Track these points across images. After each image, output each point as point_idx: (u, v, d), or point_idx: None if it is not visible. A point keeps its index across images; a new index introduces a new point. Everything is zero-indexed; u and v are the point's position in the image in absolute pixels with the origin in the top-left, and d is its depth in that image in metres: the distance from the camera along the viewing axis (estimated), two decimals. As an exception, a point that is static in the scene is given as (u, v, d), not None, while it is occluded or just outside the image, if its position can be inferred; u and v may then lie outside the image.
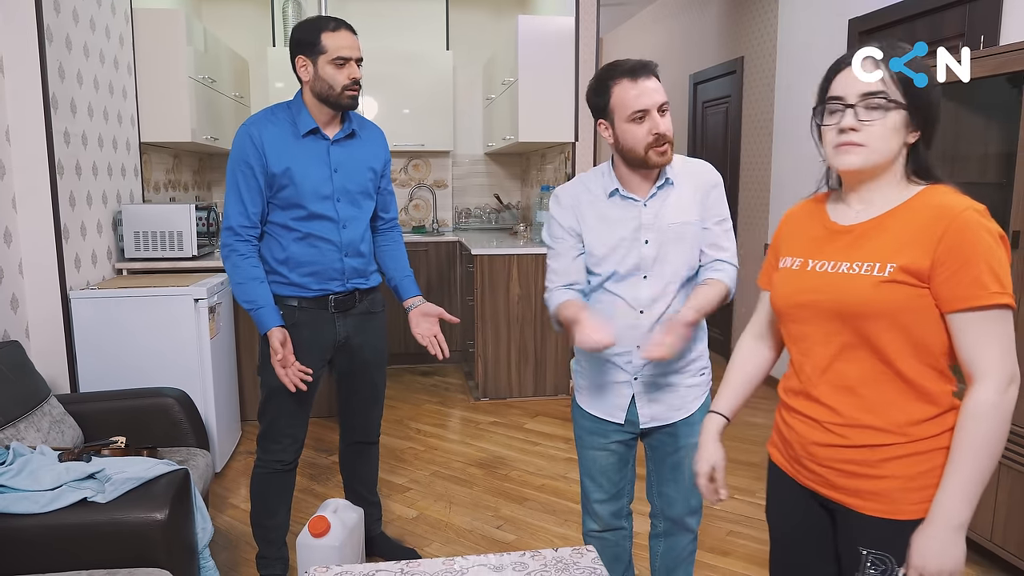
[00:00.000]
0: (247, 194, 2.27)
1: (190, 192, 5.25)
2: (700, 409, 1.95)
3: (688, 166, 1.91)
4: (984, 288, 1.19)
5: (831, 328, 1.33)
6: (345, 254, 2.37)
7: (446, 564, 1.79)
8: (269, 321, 2.26)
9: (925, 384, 1.27)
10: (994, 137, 2.74)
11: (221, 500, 3.19)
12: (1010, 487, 2.45)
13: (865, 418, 1.30)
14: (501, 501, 3.26)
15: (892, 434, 1.28)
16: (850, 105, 1.28)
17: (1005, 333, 1.22)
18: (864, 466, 1.31)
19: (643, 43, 7.21)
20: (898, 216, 1.29)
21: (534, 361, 4.64)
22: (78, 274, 3.27)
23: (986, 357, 1.21)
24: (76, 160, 3.25)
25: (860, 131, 1.27)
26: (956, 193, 1.27)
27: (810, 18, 4.25)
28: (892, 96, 1.25)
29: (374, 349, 2.55)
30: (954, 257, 1.20)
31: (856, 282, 1.28)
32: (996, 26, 2.88)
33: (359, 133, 2.40)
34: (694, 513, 2.05)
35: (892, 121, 1.26)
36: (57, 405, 2.53)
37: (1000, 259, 1.21)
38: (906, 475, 1.28)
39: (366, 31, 5.67)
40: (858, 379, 1.31)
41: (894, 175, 1.31)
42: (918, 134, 1.29)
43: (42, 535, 1.93)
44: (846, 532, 1.37)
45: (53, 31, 3.05)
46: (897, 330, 1.26)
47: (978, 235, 1.20)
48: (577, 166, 4.65)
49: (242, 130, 2.29)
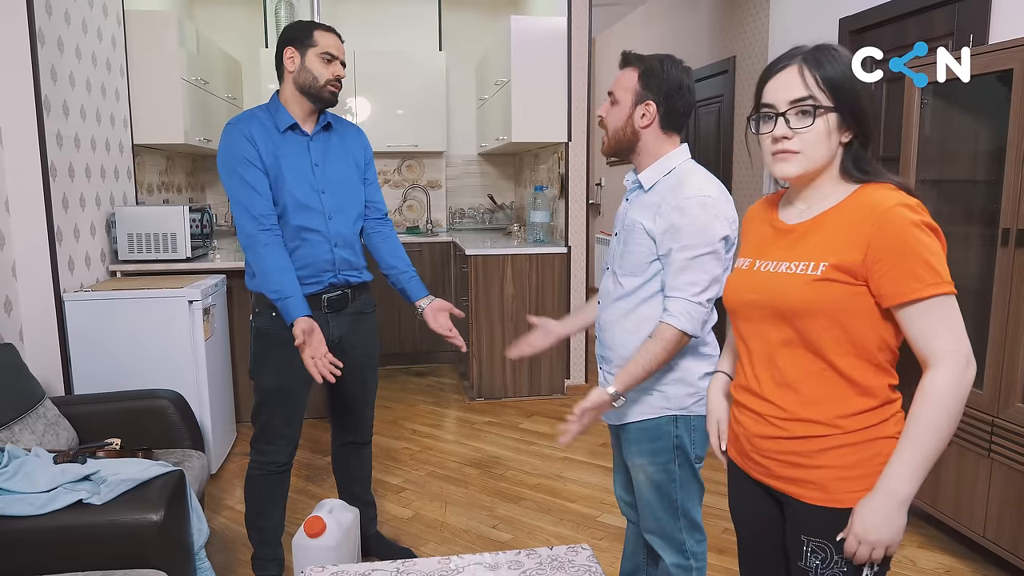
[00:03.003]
0: (256, 182, 2.27)
1: (183, 194, 5.24)
2: (638, 427, 1.85)
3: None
4: (920, 280, 1.22)
5: (772, 326, 1.36)
6: (335, 244, 2.39)
7: (442, 563, 1.80)
8: (296, 311, 2.22)
9: (861, 379, 1.30)
10: (984, 135, 2.77)
11: (216, 501, 3.19)
12: (1003, 483, 2.47)
13: (803, 412, 1.34)
14: (496, 501, 3.27)
15: (827, 426, 1.32)
16: (780, 113, 1.29)
17: (951, 318, 1.24)
18: (802, 456, 1.35)
19: (635, 43, 7.20)
20: (833, 215, 1.32)
21: (529, 361, 4.64)
22: (72, 276, 3.26)
23: (937, 344, 1.23)
24: (69, 162, 3.24)
25: (793, 138, 1.29)
26: (888, 189, 1.28)
27: (801, 17, 4.27)
28: (820, 102, 1.27)
29: (366, 349, 2.56)
30: (886, 254, 1.23)
31: (792, 281, 1.32)
32: (985, 25, 2.90)
33: (335, 126, 2.45)
34: (651, 534, 1.93)
35: (824, 125, 1.28)
36: (52, 407, 2.52)
37: (932, 249, 1.23)
38: (841, 465, 1.31)
39: (359, 32, 5.69)
40: (796, 375, 1.34)
41: (831, 175, 1.34)
42: (851, 134, 1.30)
43: (38, 537, 1.93)
44: (792, 521, 1.40)
45: (45, 33, 3.04)
46: (832, 327, 1.29)
47: (906, 229, 1.22)
48: (570, 166, 4.66)
49: (229, 128, 2.31)
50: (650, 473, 1.86)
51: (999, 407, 2.48)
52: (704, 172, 1.79)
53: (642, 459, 1.86)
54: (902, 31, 3.41)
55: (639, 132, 1.79)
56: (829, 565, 1.33)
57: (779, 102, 1.30)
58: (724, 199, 1.74)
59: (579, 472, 3.55)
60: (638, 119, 1.78)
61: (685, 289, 1.69)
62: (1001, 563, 2.59)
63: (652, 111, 1.77)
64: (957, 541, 2.80)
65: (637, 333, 1.80)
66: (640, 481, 1.89)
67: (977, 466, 2.57)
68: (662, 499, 1.87)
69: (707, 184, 1.74)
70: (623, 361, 1.81)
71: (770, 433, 1.38)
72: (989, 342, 2.51)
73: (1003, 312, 2.46)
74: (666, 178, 1.79)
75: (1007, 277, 2.44)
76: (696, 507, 1.90)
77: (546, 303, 4.63)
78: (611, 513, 3.10)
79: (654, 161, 1.81)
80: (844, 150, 1.32)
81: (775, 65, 1.33)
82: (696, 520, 1.90)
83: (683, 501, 1.87)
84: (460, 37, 6.03)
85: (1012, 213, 2.42)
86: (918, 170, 2.88)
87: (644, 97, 1.77)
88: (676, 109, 1.78)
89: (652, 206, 1.77)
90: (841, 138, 1.30)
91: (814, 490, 1.34)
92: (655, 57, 1.80)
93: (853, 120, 1.29)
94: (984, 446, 2.53)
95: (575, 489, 3.37)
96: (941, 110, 2.88)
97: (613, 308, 1.87)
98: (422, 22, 5.98)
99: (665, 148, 1.81)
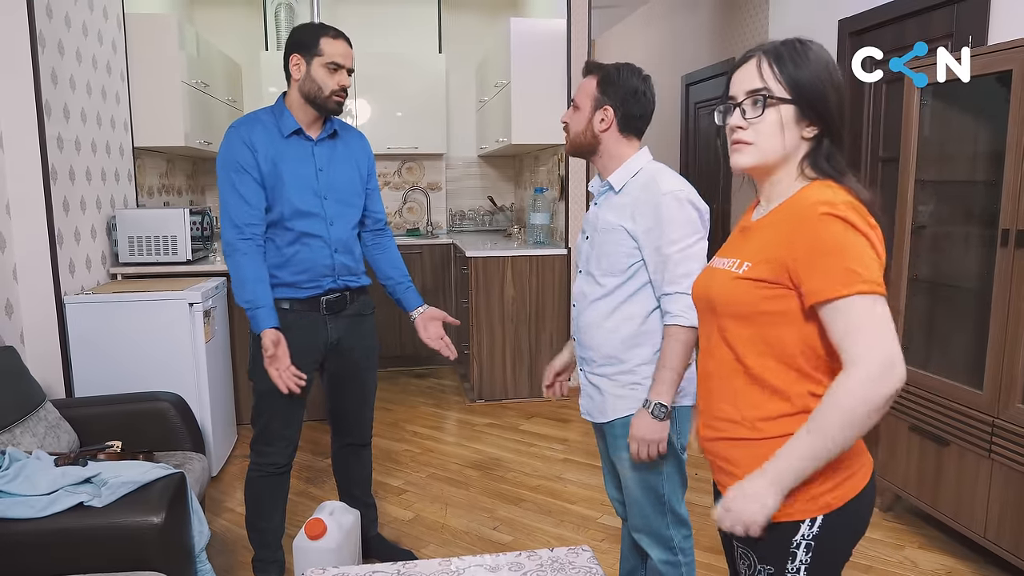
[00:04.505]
0: (246, 190, 2.28)
1: (184, 196, 5.24)
2: (622, 423, 1.88)
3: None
4: (834, 279, 1.16)
5: (704, 320, 1.39)
6: (335, 250, 2.39)
7: (442, 565, 1.80)
8: (264, 322, 2.26)
9: (778, 383, 1.27)
10: (983, 136, 2.77)
11: (217, 504, 3.19)
12: (1003, 483, 2.47)
13: (721, 408, 1.34)
14: (497, 502, 3.27)
15: (745, 428, 1.30)
16: (738, 104, 1.29)
17: (871, 320, 1.16)
18: (729, 463, 1.34)
19: (635, 45, 7.23)
20: (776, 214, 1.29)
21: (529, 362, 4.64)
22: (72, 279, 3.27)
23: (853, 346, 1.16)
24: (70, 165, 3.25)
25: (747, 129, 1.28)
26: (826, 187, 1.24)
27: (800, 18, 4.27)
28: (773, 92, 1.25)
29: (365, 351, 2.57)
30: (804, 252, 1.20)
31: (720, 277, 1.32)
32: (984, 26, 2.91)
33: (340, 134, 2.45)
34: (639, 532, 1.96)
35: (775, 116, 1.26)
36: (52, 410, 2.52)
37: (854, 250, 1.17)
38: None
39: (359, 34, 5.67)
40: (715, 370, 1.35)
41: (789, 171, 1.30)
42: (815, 129, 1.27)
43: (39, 540, 1.93)
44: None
45: (46, 37, 3.05)
46: (746, 326, 1.28)
47: (826, 229, 1.18)
48: (570, 168, 4.66)
49: (230, 132, 2.32)
50: (637, 468, 1.88)
51: (999, 408, 2.48)
52: (670, 169, 1.87)
53: (629, 453, 1.87)
54: (902, 32, 3.41)
55: (599, 136, 1.87)
56: (753, 574, 1.32)
57: (738, 93, 1.30)
58: (693, 191, 1.81)
59: (580, 474, 3.55)
60: (597, 123, 1.86)
61: (680, 283, 1.73)
62: (1002, 564, 2.59)
63: (610, 116, 1.85)
64: (958, 542, 2.80)
65: (617, 332, 1.86)
66: (627, 477, 1.92)
67: (978, 467, 2.57)
68: (649, 494, 1.90)
69: (677, 180, 1.82)
70: (605, 360, 1.88)
71: (706, 433, 1.39)
72: (989, 342, 2.51)
73: (1003, 312, 2.46)
74: (635, 179, 1.86)
75: (1007, 277, 2.44)
76: (680, 501, 1.94)
77: (546, 305, 4.63)
78: (611, 515, 3.10)
79: (618, 164, 1.88)
80: (809, 147, 1.28)
81: (741, 58, 1.32)
82: (682, 515, 1.94)
83: (669, 495, 1.90)
84: (460, 39, 6.03)
85: (1012, 214, 2.42)
86: (918, 171, 2.88)
87: (602, 103, 1.85)
88: (632, 114, 1.86)
89: (626, 206, 1.83)
90: (802, 132, 1.27)
91: None
92: (613, 65, 1.88)
93: (814, 114, 1.25)
94: (984, 447, 2.53)
95: (576, 491, 3.37)
96: (941, 111, 2.88)
97: (592, 309, 1.90)
98: (422, 24, 5.99)
99: (626, 151, 1.88)
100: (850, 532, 1.31)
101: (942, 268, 2.96)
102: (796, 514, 1.26)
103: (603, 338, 1.88)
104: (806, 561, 1.28)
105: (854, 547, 1.35)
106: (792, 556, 1.28)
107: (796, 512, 1.26)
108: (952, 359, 2.85)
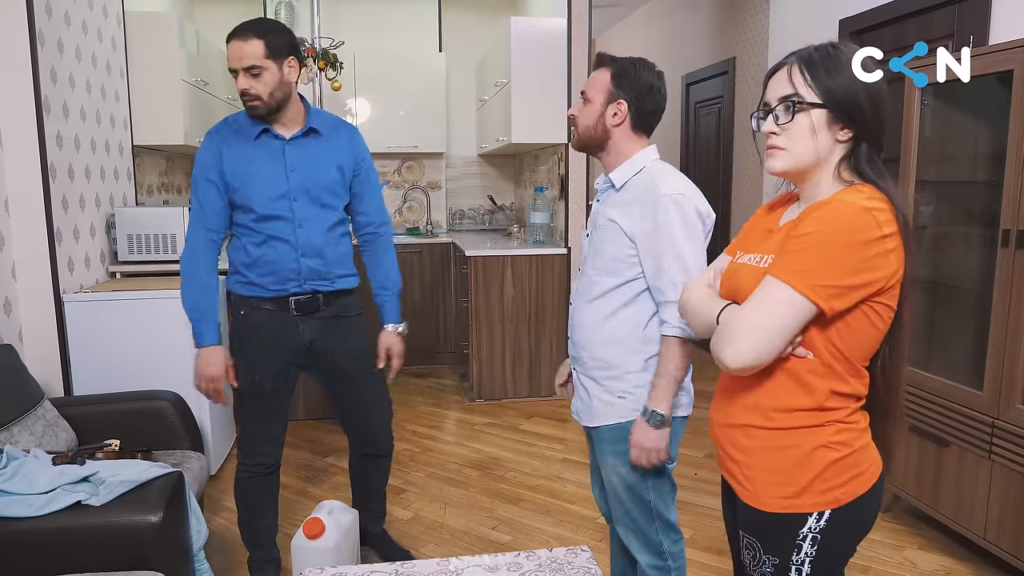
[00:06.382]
0: (207, 203, 2.30)
1: (183, 195, 5.23)
2: (609, 429, 1.86)
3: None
4: (783, 261, 1.21)
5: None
6: (301, 254, 2.31)
7: (441, 565, 1.79)
8: (205, 336, 2.30)
9: (807, 376, 1.27)
10: (984, 136, 2.76)
11: (215, 503, 3.18)
12: (1003, 484, 2.47)
13: (738, 395, 1.34)
14: (496, 502, 3.26)
15: (756, 414, 1.31)
16: (771, 110, 1.30)
17: (767, 302, 1.22)
18: (736, 449, 1.35)
19: (635, 44, 7.22)
20: (805, 213, 1.29)
21: (528, 362, 4.64)
22: (71, 277, 3.26)
23: (735, 313, 1.26)
24: (69, 163, 3.24)
25: (780, 134, 1.29)
26: (860, 192, 1.23)
27: (801, 18, 4.27)
28: (806, 98, 1.26)
29: (347, 352, 2.47)
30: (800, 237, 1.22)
31: (746, 271, 1.33)
32: (985, 26, 2.90)
33: (323, 132, 2.35)
34: (627, 536, 1.92)
35: (807, 121, 1.26)
36: (51, 408, 2.52)
37: (831, 250, 1.19)
38: (769, 468, 1.31)
39: (358, 33, 5.69)
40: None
41: (826, 175, 1.30)
42: (850, 132, 1.27)
43: (37, 538, 1.93)
44: (741, 514, 1.40)
45: (45, 35, 3.04)
46: None
47: (824, 222, 1.20)
48: (570, 167, 4.66)
49: (206, 138, 2.34)
50: (623, 475, 1.85)
51: (999, 408, 2.47)
52: (675, 170, 1.82)
53: (614, 460, 1.86)
54: (902, 32, 3.41)
55: (610, 131, 1.82)
56: (758, 564, 1.34)
57: (772, 99, 1.31)
58: (697, 195, 1.77)
59: (579, 473, 3.55)
60: (609, 118, 1.81)
61: (676, 291, 1.69)
62: (1001, 565, 2.59)
63: (624, 110, 1.80)
64: (957, 543, 2.80)
65: (610, 336, 1.83)
66: (613, 483, 1.89)
67: (977, 468, 2.57)
68: (635, 500, 1.87)
69: (680, 181, 1.77)
70: (595, 363, 1.85)
71: (721, 419, 1.40)
72: (989, 343, 2.51)
73: (1003, 313, 2.45)
74: (637, 176, 1.81)
75: (1007, 278, 2.44)
76: (670, 507, 1.91)
77: (546, 304, 4.62)
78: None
79: (624, 160, 1.83)
80: (846, 150, 1.29)
81: (777, 64, 1.33)
82: (671, 520, 1.91)
83: (656, 502, 1.87)
84: (460, 38, 6.03)
85: (1012, 214, 2.41)
86: (918, 171, 2.88)
87: (616, 96, 1.80)
88: (646, 109, 1.82)
89: (626, 204, 1.80)
90: (836, 136, 1.27)
91: (748, 487, 1.34)
92: (628, 59, 1.84)
93: (846, 118, 1.26)
94: (984, 448, 2.53)
95: (575, 491, 3.37)
96: (941, 111, 2.87)
97: (589, 309, 1.87)
98: (422, 23, 5.98)
99: (634, 148, 1.84)
100: (856, 528, 1.32)
101: (942, 268, 2.96)
102: (804, 507, 1.28)
103: (595, 339, 1.85)
104: (811, 554, 1.29)
105: (859, 543, 1.36)
106: (798, 548, 1.29)
107: (805, 505, 1.28)
108: (952, 360, 2.85)
